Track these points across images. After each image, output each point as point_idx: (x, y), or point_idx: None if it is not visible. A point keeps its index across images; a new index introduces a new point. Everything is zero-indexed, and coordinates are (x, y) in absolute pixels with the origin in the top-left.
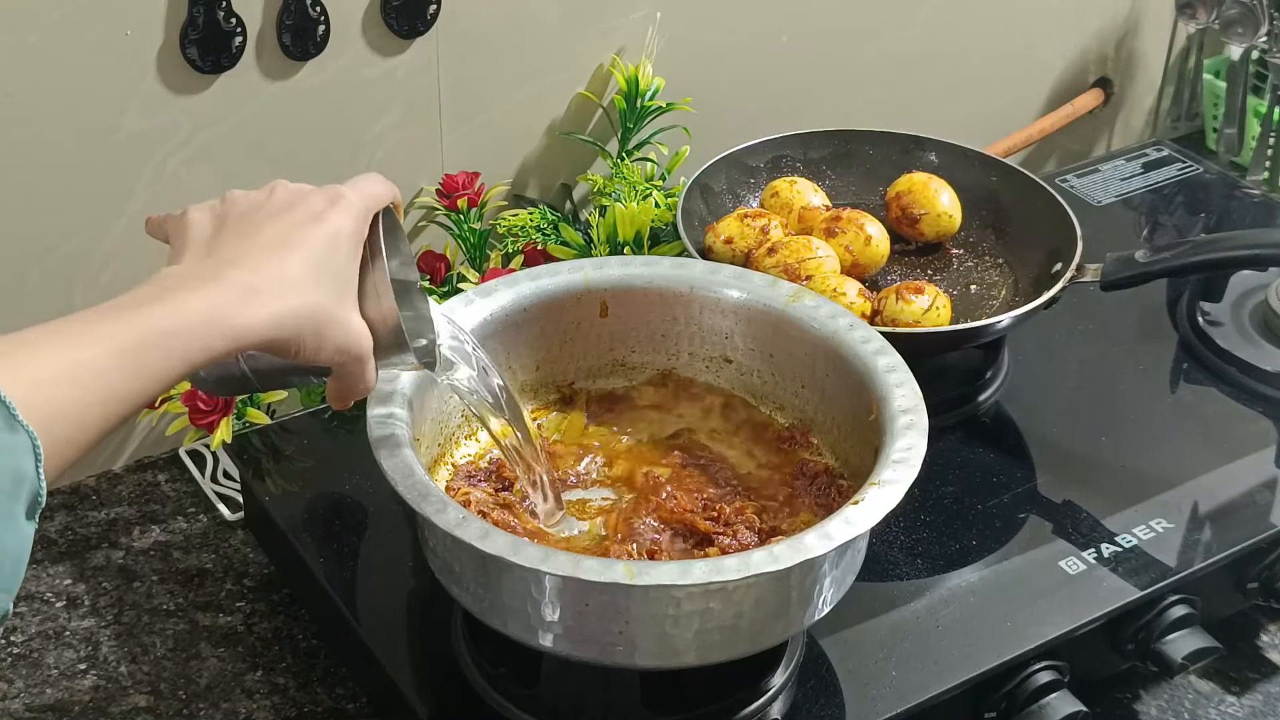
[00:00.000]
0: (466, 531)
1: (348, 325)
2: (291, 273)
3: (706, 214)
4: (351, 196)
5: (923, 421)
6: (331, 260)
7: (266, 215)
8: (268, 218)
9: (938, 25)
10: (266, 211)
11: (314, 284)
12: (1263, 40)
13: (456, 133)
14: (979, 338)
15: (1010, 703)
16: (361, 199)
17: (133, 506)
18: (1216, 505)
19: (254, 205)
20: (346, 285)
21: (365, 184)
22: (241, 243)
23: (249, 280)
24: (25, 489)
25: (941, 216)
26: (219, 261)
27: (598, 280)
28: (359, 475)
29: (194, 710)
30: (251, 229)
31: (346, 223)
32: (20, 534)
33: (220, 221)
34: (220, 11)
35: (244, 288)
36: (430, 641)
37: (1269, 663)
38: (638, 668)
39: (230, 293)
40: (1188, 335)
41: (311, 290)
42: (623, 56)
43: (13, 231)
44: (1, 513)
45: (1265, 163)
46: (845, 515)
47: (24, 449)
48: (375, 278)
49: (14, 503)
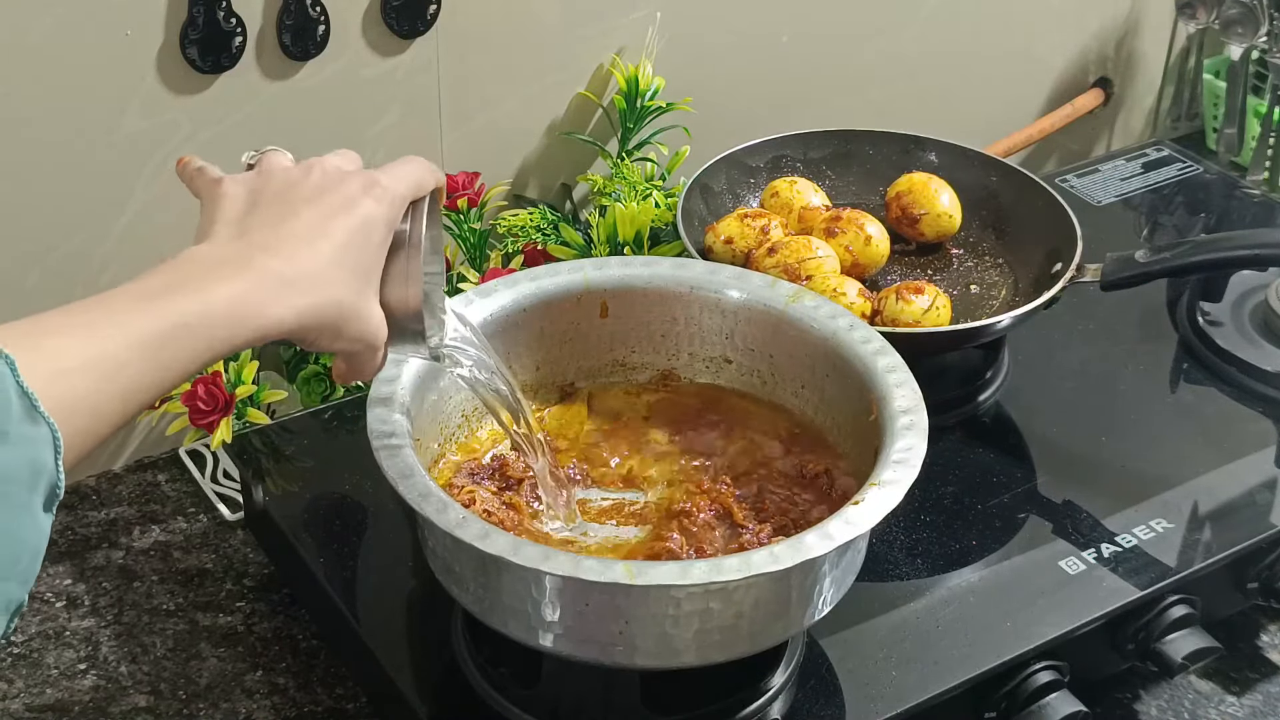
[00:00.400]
0: (467, 532)
1: (366, 317)
2: (321, 265)
3: (706, 214)
4: (388, 183)
5: (923, 422)
6: (361, 251)
7: (302, 198)
8: (303, 201)
9: (938, 25)
10: (302, 193)
11: (341, 277)
12: (1263, 40)
13: (456, 133)
14: (979, 338)
15: (1010, 703)
16: (400, 184)
17: (133, 506)
18: (1216, 505)
19: (290, 184)
20: (370, 276)
21: (405, 168)
22: (274, 226)
23: (280, 271)
24: (44, 481)
25: (941, 216)
26: (250, 246)
27: (598, 280)
28: (359, 475)
29: (194, 710)
30: (286, 211)
31: (380, 211)
32: (38, 526)
33: (255, 197)
34: (220, 11)
35: (275, 279)
36: (430, 641)
37: (1269, 663)
38: (638, 668)
39: (261, 284)
40: (1188, 335)
41: (337, 284)
42: (623, 56)
43: (13, 231)
44: (20, 504)
45: (1265, 163)
46: (845, 515)
47: (44, 440)
48: (408, 266)
49: (32, 494)
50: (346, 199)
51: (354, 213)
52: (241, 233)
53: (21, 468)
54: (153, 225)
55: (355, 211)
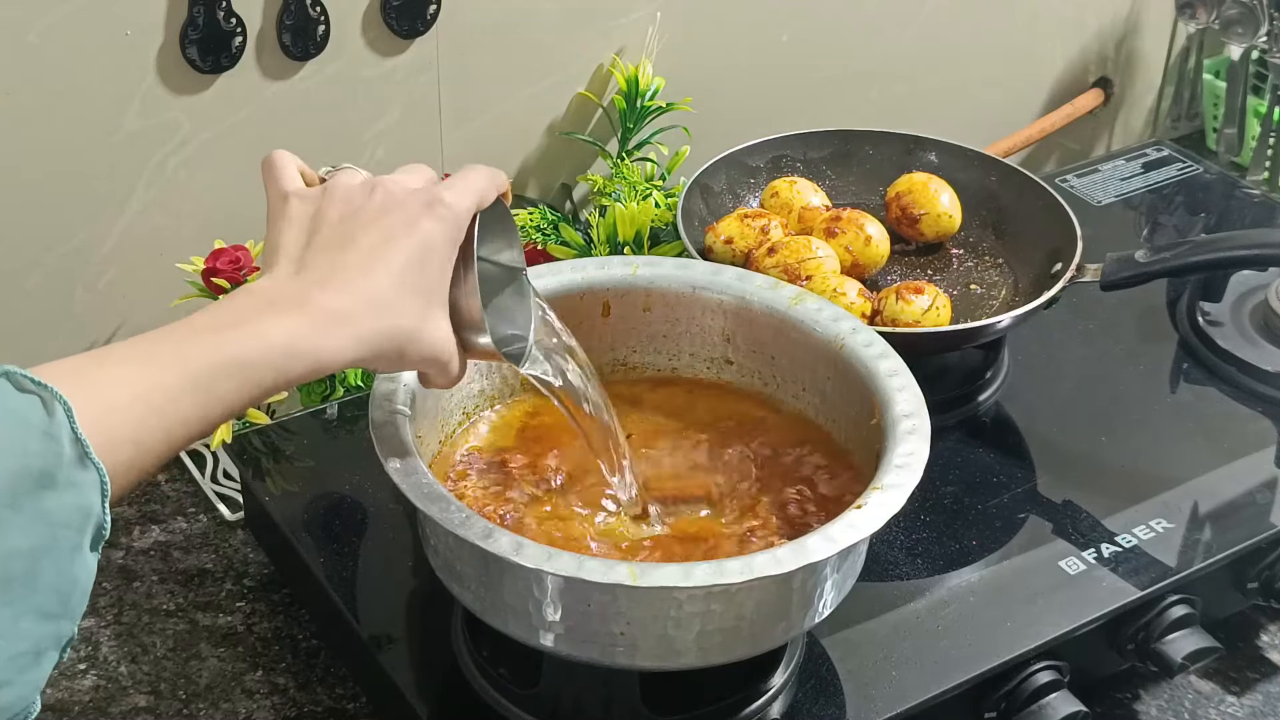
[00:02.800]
0: (469, 531)
1: (431, 339)
2: (379, 292)
3: (706, 214)
4: (450, 199)
5: (925, 426)
6: (423, 274)
7: (361, 223)
8: (362, 226)
9: (938, 25)
10: (362, 219)
11: (401, 302)
12: (1263, 40)
13: (456, 133)
14: (979, 338)
15: (1010, 703)
16: (464, 199)
17: (132, 506)
18: (1216, 505)
19: (352, 209)
20: (434, 295)
21: (467, 181)
22: (332, 258)
23: (335, 305)
24: (92, 523)
25: (941, 216)
26: (306, 282)
27: (600, 280)
28: (359, 475)
29: (194, 710)
30: (345, 239)
31: (440, 230)
32: (86, 566)
33: (316, 224)
34: (220, 11)
35: (330, 315)
36: (430, 641)
37: (1269, 663)
38: (638, 669)
39: (315, 321)
40: (1188, 335)
41: (396, 310)
42: (623, 56)
43: (13, 231)
44: (71, 547)
45: (1265, 163)
46: (848, 519)
47: (92, 485)
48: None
49: (82, 537)
50: (407, 220)
51: (414, 234)
52: (300, 268)
53: (73, 514)
54: (153, 225)
55: (415, 233)
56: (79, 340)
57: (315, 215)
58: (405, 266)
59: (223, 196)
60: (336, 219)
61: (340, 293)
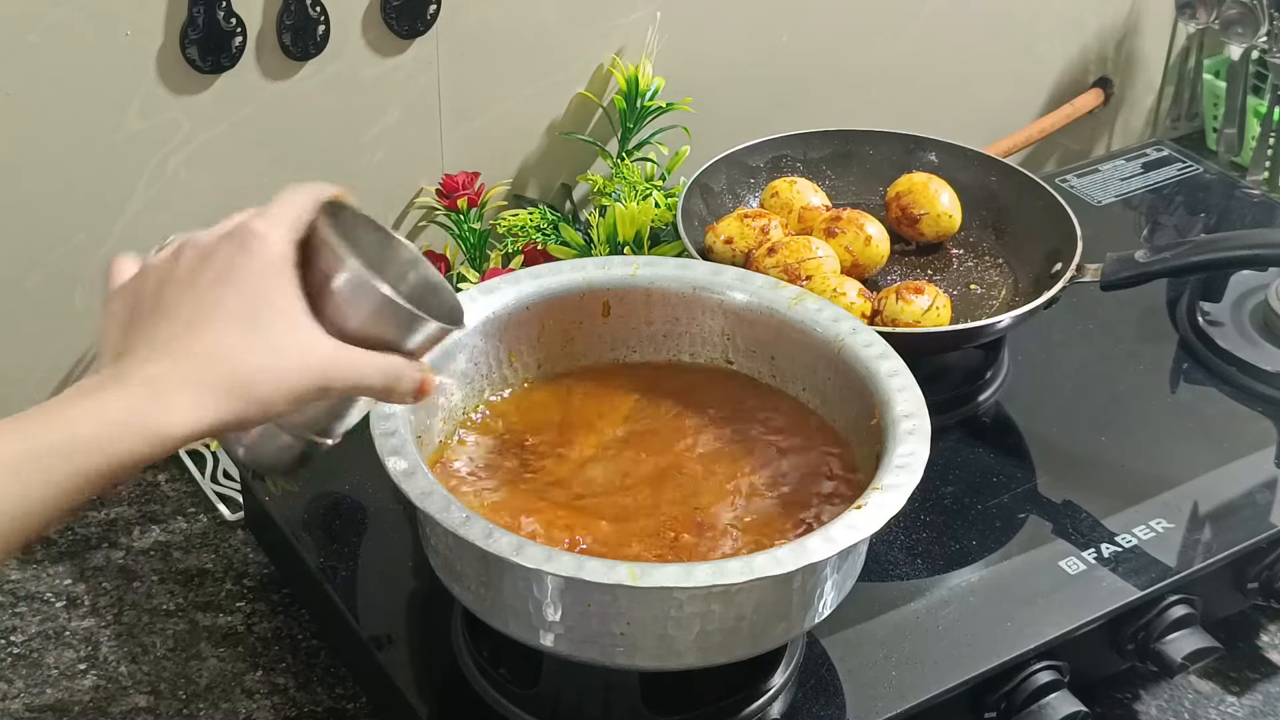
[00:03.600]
0: (469, 530)
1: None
2: (205, 349)
3: (706, 214)
4: (261, 227)
5: (925, 427)
6: (253, 311)
7: (176, 288)
8: (177, 292)
9: (938, 25)
10: (175, 283)
11: (234, 349)
12: (1263, 40)
13: (456, 133)
14: (979, 338)
15: (1010, 703)
16: (275, 223)
17: (133, 506)
18: (1216, 505)
19: (163, 279)
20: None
21: (279, 203)
22: (151, 333)
23: (157, 375)
24: None
25: (941, 216)
26: (131, 361)
27: (600, 280)
28: (359, 475)
29: (194, 710)
30: (163, 310)
31: (258, 262)
32: None
33: (132, 313)
34: (220, 11)
35: (153, 385)
36: (430, 641)
37: (1269, 663)
38: (638, 669)
39: (140, 393)
40: (1188, 335)
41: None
42: (623, 56)
43: (13, 231)
44: None
45: (1265, 163)
46: (848, 520)
47: None
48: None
49: None
50: (220, 269)
51: (231, 277)
52: (123, 350)
53: None
54: (153, 225)
55: (232, 276)
56: (79, 340)
57: (130, 305)
58: (231, 312)
59: (223, 196)
60: (151, 295)
61: (162, 359)
